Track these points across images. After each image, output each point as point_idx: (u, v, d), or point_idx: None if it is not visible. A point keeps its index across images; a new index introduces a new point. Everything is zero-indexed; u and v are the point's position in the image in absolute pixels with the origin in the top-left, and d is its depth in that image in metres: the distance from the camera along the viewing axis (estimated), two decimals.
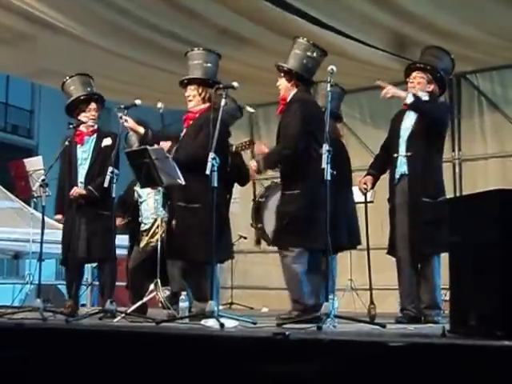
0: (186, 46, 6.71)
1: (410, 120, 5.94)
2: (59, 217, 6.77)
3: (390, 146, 6.08)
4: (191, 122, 6.09)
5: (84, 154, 6.65)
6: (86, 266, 7.70)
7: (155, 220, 7.05)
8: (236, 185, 6.69)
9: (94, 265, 7.08)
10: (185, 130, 6.11)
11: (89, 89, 6.68)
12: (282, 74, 5.91)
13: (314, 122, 5.66)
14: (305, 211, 5.59)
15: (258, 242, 8.62)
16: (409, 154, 5.82)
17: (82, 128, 6.60)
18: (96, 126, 6.64)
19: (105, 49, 8.35)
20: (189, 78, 6.10)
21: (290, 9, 7.24)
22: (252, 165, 5.90)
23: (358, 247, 6.71)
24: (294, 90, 5.89)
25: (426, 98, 5.95)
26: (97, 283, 7.60)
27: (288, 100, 5.89)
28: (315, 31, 7.34)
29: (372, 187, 6.16)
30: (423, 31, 7.37)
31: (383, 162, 6.13)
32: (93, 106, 6.67)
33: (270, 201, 7.90)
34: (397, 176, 5.90)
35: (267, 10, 7.27)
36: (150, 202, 7.23)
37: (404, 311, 5.78)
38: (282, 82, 5.93)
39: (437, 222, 5.62)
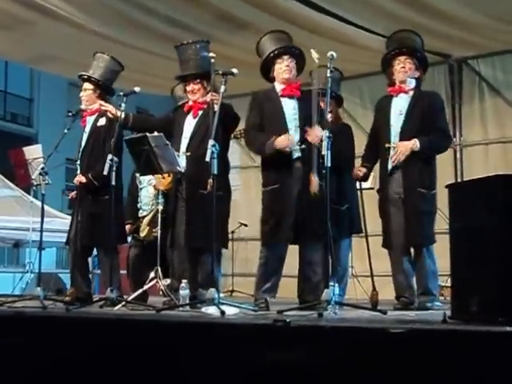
0: (184, 32, 6.71)
1: (400, 108, 5.88)
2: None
3: (378, 134, 6.02)
4: (200, 113, 6.08)
5: (85, 135, 6.69)
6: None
7: (157, 210, 7.02)
8: (236, 172, 6.66)
9: (95, 253, 7.05)
10: (196, 121, 6.07)
11: (99, 72, 6.65)
12: (295, 61, 5.86)
13: None
14: None
15: None
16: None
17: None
18: (94, 107, 6.56)
19: (103, 35, 8.32)
20: (192, 74, 6.08)
21: None
22: (313, 180, 5.50)
23: (359, 234, 6.70)
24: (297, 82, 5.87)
25: (412, 84, 5.92)
26: (97, 271, 7.58)
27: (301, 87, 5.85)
28: (315, 16, 7.32)
29: (365, 179, 6.14)
30: (423, 15, 7.32)
31: (375, 151, 6.06)
32: (86, 85, 6.66)
33: None
34: (390, 167, 5.85)
35: None
36: (150, 189, 7.21)
37: (400, 299, 5.76)
38: (294, 66, 5.87)
39: (431, 213, 5.74)
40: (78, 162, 6.66)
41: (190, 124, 6.10)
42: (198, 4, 7.54)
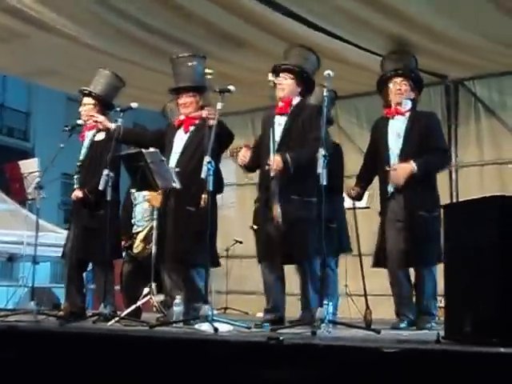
0: (182, 47, 6.71)
1: (397, 130, 5.89)
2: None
3: (375, 157, 6.03)
4: (192, 128, 6.06)
5: (83, 150, 6.71)
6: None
7: (151, 226, 7.03)
8: (232, 189, 6.68)
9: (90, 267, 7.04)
10: (187, 136, 6.05)
11: (102, 86, 6.66)
12: (293, 76, 5.81)
13: None
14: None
15: None
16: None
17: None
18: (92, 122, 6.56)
19: (100, 49, 8.34)
20: (186, 86, 6.07)
21: (287, 13, 7.22)
22: (276, 159, 5.53)
23: (354, 253, 6.70)
24: (299, 97, 5.84)
25: (408, 106, 5.93)
26: (91, 286, 7.56)
27: (295, 104, 5.81)
28: (312, 35, 7.34)
29: (359, 198, 6.14)
30: (421, 36, 7.35)
31: (370, 172, 6.09)
32: (86, 100, 6.68)
33: None
34: (390, 190, 5.85)
35: (265, 14, 7.25)
36: (144, 205, 7.23)
37: (401, 316, 5.75)
38: (290, 83, 5.81)
39: (433, 236, 5.69)
40: (76, 177, 6.67)
41: (180, 139, 6.07)
42: (196, 21, 7.56)
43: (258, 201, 6.01)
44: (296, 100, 5.83)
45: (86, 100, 6.69)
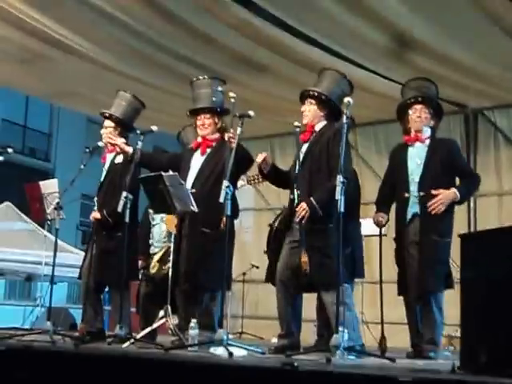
0: (202, 72, 6.75)
1: (417, 157, 5.89)
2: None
3: (394, 183, 6.01)
4: (209, 151, 6.11)
5: (104, 172, 6.77)
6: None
7: (168, 247, 7.05)
8: (250, 214, 6.69)
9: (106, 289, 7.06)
10: (204, 158, 6.09)
11: (122, 108, 6.74)
12: (314, 101, 5.74)
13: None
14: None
15: None
16: (421, 194, 5.77)
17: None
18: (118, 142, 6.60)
19: (122, 72, 8.44)
20: (205, 107, 6.11)
21: (310, 40, 7.28)
22: (302, 206, 5.40)
23: (371, 280, 6.67)
24: (324, 121, 5.74)
25: (428, 133, 5.94)
26: (107, 308, 7.57)
27: (319, 129, 5.72)
28: (333, 62, 7.38)
29: (385, 225, 6.12)
30: (441, 65, 7.39)
31: (390, 199, 6.06)
32: (107, 123, 6.74)
33: None
34: (408, 216, 5.83)
35: (287, 40, 7.31)
36: (162, 226, 7.26)
37: (416, 347, 5.73)
38: (312, 109, 5.73)
39: (442, 261, 5.71)
40: (96, 198, 6.73)
41: (197, 161, 6.11)
42: (217, 46, 7.64)
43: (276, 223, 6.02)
44: (320, 125, 5.75)
45: (107, 123, 6.76)
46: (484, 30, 6.79)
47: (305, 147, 5.76)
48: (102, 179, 6.78)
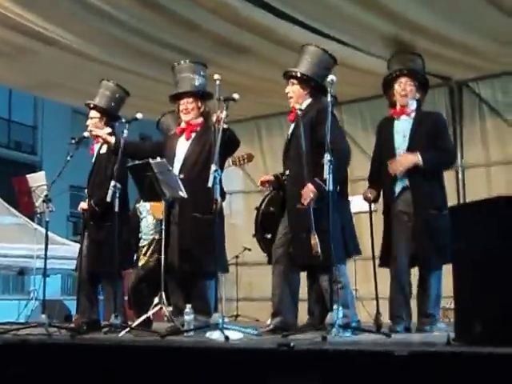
0: (185, 57, 6.73)
1: (403, 130, 5.89)
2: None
3: (382, 158, 5.99)
4: (194, 135, 6.09)
5: (92, 163, 6.76)
6: None
7: (153, 239, 7.09)
8: (239, 197, 6.69)
9: None
10: (189, 144, 6.07)
11: (104, 99, 6.70)
12: (295, 81, 5.76)
13: None
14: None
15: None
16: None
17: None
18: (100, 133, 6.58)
19: (104, 61, 8.39)
20: (187, 92, 6.09)
21: (289, 19, 7.24)
22: (310, 188, 5.37)
23: (363, 257, 6.68)
24: (309, 99, 5.75)
25: (413, 106, 5.93)
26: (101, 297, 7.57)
27: (304, 108, 5.70)
28: (315, 41, 7.35)
29: (376, 201, 6.11)
30: (423, 38, 7.37)
31: (380, 175, 6.04)
32: (92, 113, 6.73)
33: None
34: (397, 189, 5.83)
35: (266, 20, 7.28)
36: (149, 219, 7.27)
37: (397, 318, 5.72)
38: (295, 89, 5.75)
39: (442, 235, 5.63)
40: (86, 190, 6.75)
41: (182, 146, 6.09)
42: (197, 30, 7.59)
43: (273, 205, 6.02)
44: (305, 104, 5.75)
45: (92, 113, 6.74)
46: (466, 1, 6.78)
47: (291, 128, 5.77)
48: (90, 170, 6.78)
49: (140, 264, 7.15)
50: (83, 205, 6.62)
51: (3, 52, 8.43)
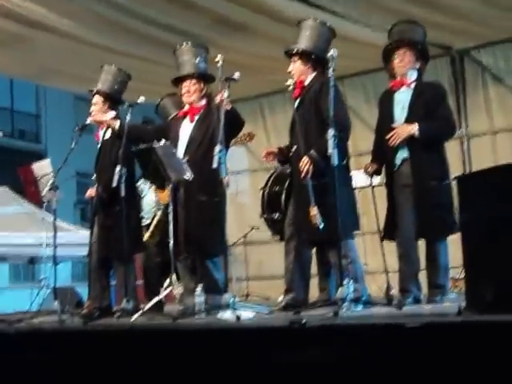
0: (184, 38, 6.69)
1: (402, 102, 5.82)
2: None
3: (384, 130, 5.92)
4: (197, 118, 6.07)
5: (97, 149, 6.77)
6: None
7: (155, 215, 7.12)
8: (245, 176, 6.69)
9: None
10: (193, 125, 6.06)
11: (106, 84, 6.69)
12: (296, 58, 5.72)
13: None
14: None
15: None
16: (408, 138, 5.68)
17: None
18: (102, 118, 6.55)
19: (103, 46, 8.36)
20: (190, 74, 6.06)
21: None
22: (305, 161, 5.44)
23: (372, 231, 6.67)
24: (313, 73, 5.71)
25: (413, 76, 5.85)
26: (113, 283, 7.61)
27: (308, 83, 5.69)
28: (313, 14, 7.30)
29: (378, 173, 6.09)
30: (424, 7, 7.32)
31: (382, 149, 5.96)
32: (95, 99, 6.70)
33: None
34: (397, 162, 5.76)
35: None
36: (150, 197, 7.28)
37: (405, 292, 5.69)
38: (297, 66, 5.71)
39: (445, 205, 5.61)
40: (94, 176, 6.76)
41: (186, 129, 6.07)
42: (194, 9, 7.56)
43: (278, 184, 6.03)
44: (309, 79, 5.73)
45: (95, 99, 6.72)
46: None
47: (296, 103, 5.76)
48: (96, 156, 6.78)
49: (144, 239, 7.16)
50: (91, 191, 6.62)
51: (0, 41, 8.41)
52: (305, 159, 5.43)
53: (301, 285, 5.73)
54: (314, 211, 5.29)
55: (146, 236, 7.18)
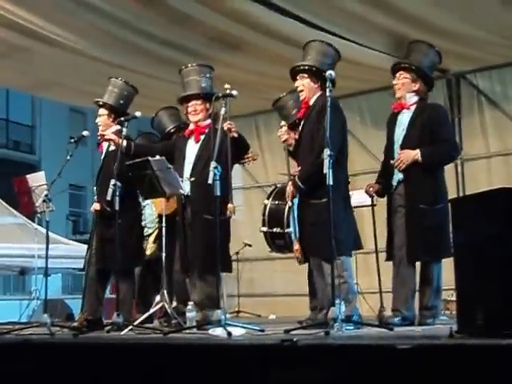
0: (181, 54, 6.76)
1: (403, 124, 5.88)
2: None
3: (387, 152, 6.02)
4: (202, 138, 6.10)
5: (101, 161, 6.80)
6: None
7: (161, 227, 7.09)
8: (239, 193, 6.71)
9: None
10: (198, 145, 6.09)
11: (113, 97, 6.73)
12: (307, 75, 5.74)
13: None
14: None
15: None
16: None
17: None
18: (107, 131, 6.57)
19: (101, 59, 8.38)
20: (196, 93, 6.11)
21: (286, 13, 7.24)
22: (290, 189, 5.75)
23: (365, 250, 6.69)
24: (319, 92, 5.73)
25: (413, 99, 5.89)
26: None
27: (312, 103, 5.74)
28: (312, 35, 7.35)
29: (382, 195, 6.11)
30: (421, 31, 7.36)
31: (389, 169, 6.01)
32: (101, 111, 6.74)
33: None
34: (394, 183, 5.85)
35: (263, 15, 7.27)
36: (153, 207, 7.26)
37: (396, 312, 5.70)
38: (306, 82, 5.74)
39: (436, 228, 5.65)
40: (95, 188, 6.75)
41: (192, 149, 6.12)
42: (193, 26, 7.59)
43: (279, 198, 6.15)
44: (314, 98, 5.77)
45: (101, 111, 6.75)
46: None
47: (301, 124, 5.83)
48: (99, 169, 6.78)
49: (148, 253, 7.13)
50: (96, 206, 6.60)
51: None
52: (290, 187, 5.71)
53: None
54: (297, 245, 5.67)
55: (150, 251, 7.15)
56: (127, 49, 8.20)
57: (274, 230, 6.74)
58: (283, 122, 6.14)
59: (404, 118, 5.89)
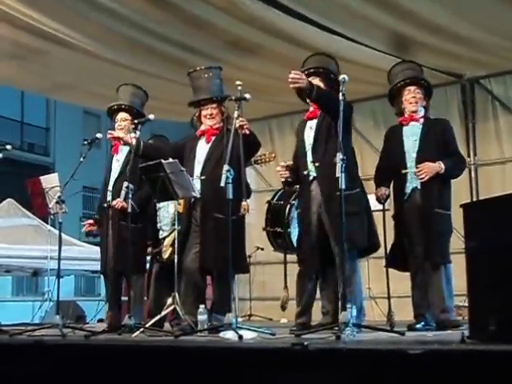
0: (196, 57, 6.76)
1: (413, 134, 6.01)
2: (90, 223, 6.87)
3: (391, 162, 6.12)
4: (213, 138, 6.13)
5: (117, 163, 6.79)
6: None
7: (174, 229, 7.08)
8: (251, 196, 6.70)
9: None
10: (209, 145, 6.12)
11: (133, 100, 6.75)
12: (318, 78, 5.80)
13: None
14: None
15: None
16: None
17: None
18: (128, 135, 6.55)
19: (116, 62, 8.42)
20: (210, 98, 6.12)
21: (300, 17, 7.25)
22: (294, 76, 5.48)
23: (376, 255, 6.67)
24: None
25: (422, 113, 6.07)
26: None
27: None
28: (324, 38, 7.36)
29: (387, 199, 6.17)
30: (436, 36, 7.37)
31: (389, 176, 6.16)
32: (121, 115, 6.73)
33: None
34: (407, 191, 5.96)
35: (276, 19, 7.28)
36: (170, 209, 7.22)
37: (420, 317, 5.77)
38: (317, 83, 5.73)
39: (448, 233, 5.91)
40: (110, 188, 6.73)
41: (202, 149, 6.14)
42: (209, 30, 7.61)
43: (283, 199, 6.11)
44: None
45: (125, 115, 6.73)
46: None
47: (313, 123, 5.85)
48: (118, 169, 6.75)
49: (165, 257, 7.10)
50: (122, 203, 6.46)
51: (16, 54, 8.48)
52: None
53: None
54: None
55: (167, 254, 7.14)
56: (143, 52, 8.24)
57: (276, 229, 6.77)
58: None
59: (412, 130, 6.05)
